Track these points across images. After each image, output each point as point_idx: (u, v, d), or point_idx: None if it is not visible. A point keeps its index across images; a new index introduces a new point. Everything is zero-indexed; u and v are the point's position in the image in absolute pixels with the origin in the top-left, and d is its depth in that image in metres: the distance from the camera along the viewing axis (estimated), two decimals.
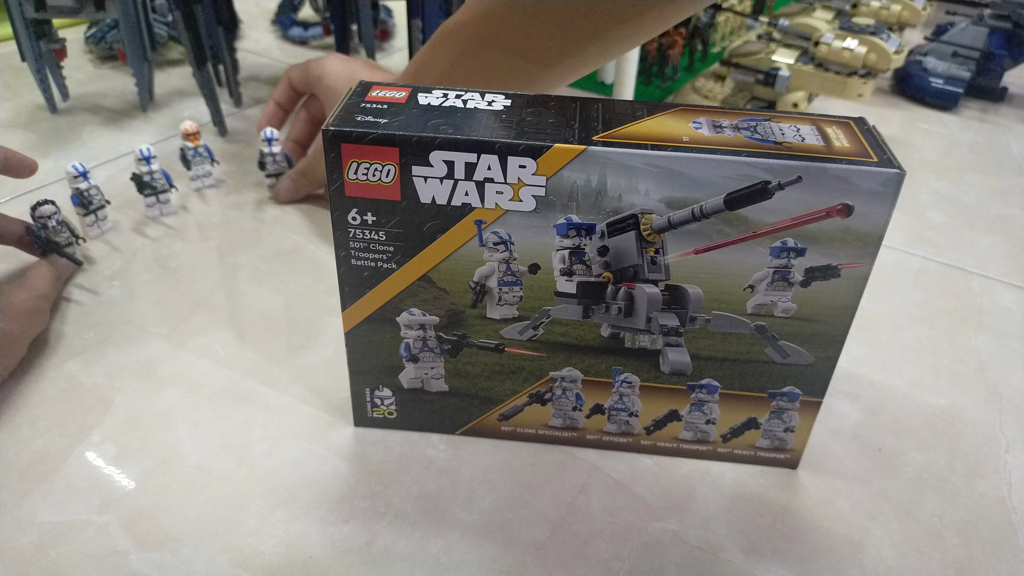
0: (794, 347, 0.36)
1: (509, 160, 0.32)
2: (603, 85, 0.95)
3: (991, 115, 0.93)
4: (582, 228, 0.34)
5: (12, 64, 0.85)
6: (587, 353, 0.38)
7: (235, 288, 0.55)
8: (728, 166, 0.31)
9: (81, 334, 0.50)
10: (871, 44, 0.74)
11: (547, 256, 0.35)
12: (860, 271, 0.33)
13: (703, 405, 0.39)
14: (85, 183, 0.57)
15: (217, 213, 0.64)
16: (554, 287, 0.36)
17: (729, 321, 0.36)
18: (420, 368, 0.40)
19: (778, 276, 0.34)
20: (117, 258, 0.58)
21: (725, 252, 0.33)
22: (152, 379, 0.47)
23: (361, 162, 0.33)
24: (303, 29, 1.03)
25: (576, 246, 0.35)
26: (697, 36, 1.01)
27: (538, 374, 0.39)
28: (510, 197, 0.33)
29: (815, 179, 0.31)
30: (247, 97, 0.85)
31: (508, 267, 0.36)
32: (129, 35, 0.75)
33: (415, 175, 0.33)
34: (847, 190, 0.31)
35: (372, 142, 0.32)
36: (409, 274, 0.36)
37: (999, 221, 0.70)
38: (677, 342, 0.37)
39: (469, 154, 0.32)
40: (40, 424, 0.43)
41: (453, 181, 0.33)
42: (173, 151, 0.67)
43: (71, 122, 0.78)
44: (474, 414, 0.41)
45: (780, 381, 0.38)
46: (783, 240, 0.33)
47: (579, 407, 0.40)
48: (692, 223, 0.33)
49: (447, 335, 0.38)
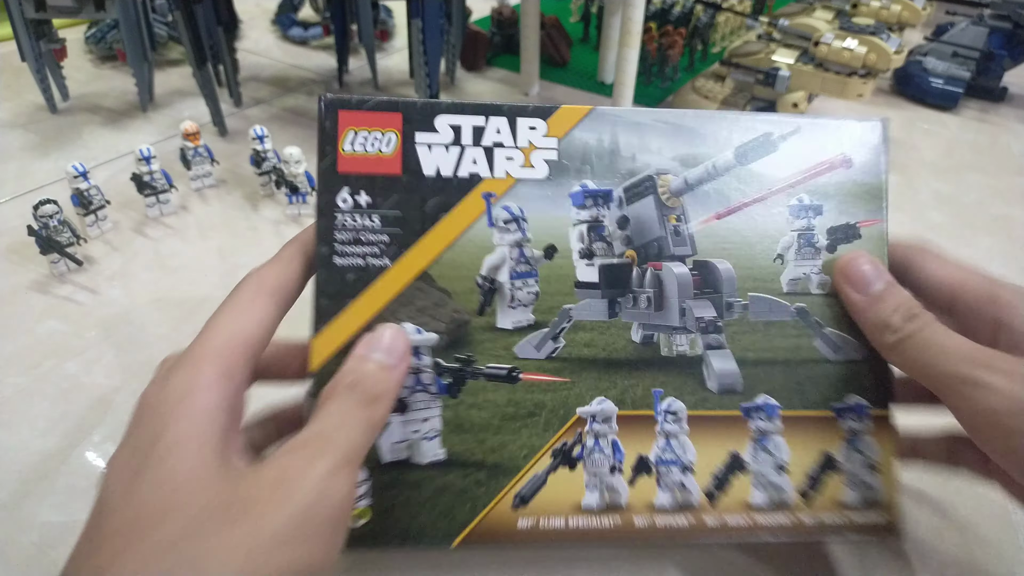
0: (842, 335, 0.32)
1: (519, 121, 0.31)
2: (603, 85, 0.95)
3: (991, 115, 0.93)
4: (599, 195, 0.32)
5: (12, 64, 0.85)
6: (620, 370, 0.32)
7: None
8: (732, 119, 0.32)
9: (81, 334, 0.50)
10: (871, 44, 0.74)
11: (563, 235, 0.31)
12: (878, 229, 0.33)
13: (766, 440, 0.32)
14: (85, 183, 0.57)
15: (217, 213, 0.64)
16: (573, 277, 0.32)
17: (768, 305, 0.32)
18: (409, 423, 0.30)
19: (804, 241, 0.33)
20: (117, 258, 0.58)
21: (747, 216, 0.33)
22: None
23: (359, 130, 0.30)
24: (303, 29, 1.03)
25: (594, 218, 0.32)
26: (697, 36, 1.01)
27: (563, 415, 0.31)
28: (521, 163, 0.31)
29: (808, 131, 0.33)
30: (247, 97, 0.85)
31: (521, 252, 0.31)
32: (129, 35, 0.75)
33: (419, 142, 0.30)
34: (840, 140, 0.33)
35: (373, 107, 0.30)
36: (405, 271, 0.30)
37: (999, 221, 0.70)
38: (719, 342, 0.32)
39: (477, 117, 0.31)
40: (40, 424, 0.43)
41: (460, 148, 0.31)
42: (173, 151, 0.67)
43: (71, 122, 0.78)
44: (480, 501, 0.30)
45: (840, 388, 0.32)
46: (799, 198, 0.33)
47: (619, 465, 0.31)
48: (708, 181, 0.33)
49: (447, 362, 0.30)
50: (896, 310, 0.29)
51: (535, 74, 0.91)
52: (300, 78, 0.93)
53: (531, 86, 0.92)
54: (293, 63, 0.97)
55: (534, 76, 0.91)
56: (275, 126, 0.78)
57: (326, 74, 0.94)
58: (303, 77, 0.93)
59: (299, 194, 0.63)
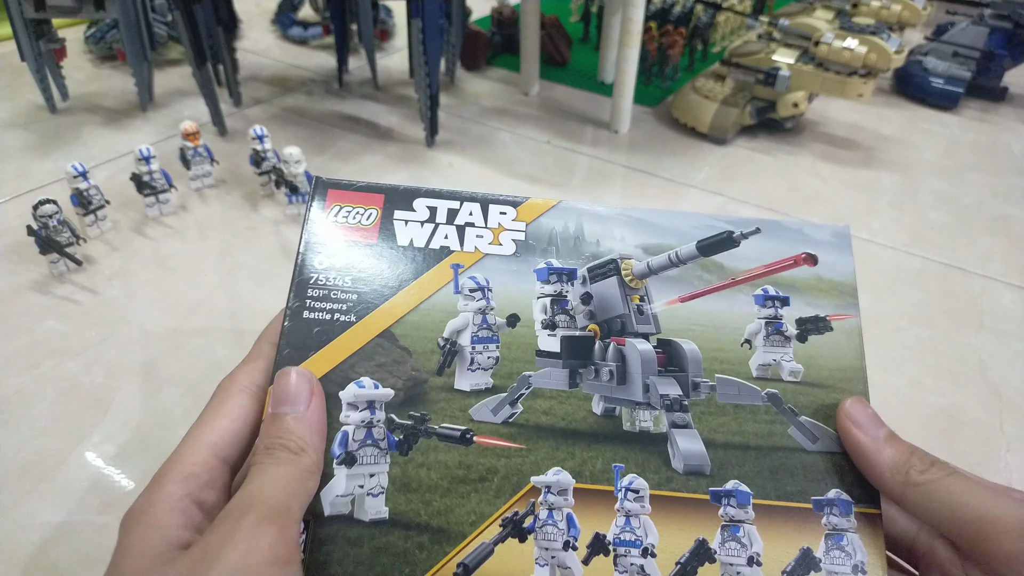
0: (820, 426, 0.31)
1: (490, 208, 0.34)
2: (603, 85, 0.95)
3: (991, 115, 0.93)
4: (563, 273, 0.33)
5: (12, 64, 0.85)
6: (579, 442, 0.30)
7: (235, 288, 0.55)
8: (694, 218, 0.35)
9: (81, 334, 0.50)
10: (871, 44, 0.74)
11: (527, 307, 0.33)
12: (851, 324, 0.34)
13: (737, 529, 0.30)
14: (85, 183, 0.57)
15: (217, 213, 0.64)
16: (534, 347, 0.32)
17: (737, 388, 0.32)
18: (355, 476, 0.29)
19: (772, 329, 0.33)
20: (117, 258, 0.58)
21: (711, 301, 0.33)
22: (152, 379, 0.47)
23: (344, 205, 0.33)
24: (303, 29, 1.03)
25: (558, 293, 0.33)
26: (697, 36, 1.01)
27: (516, 482, 0.29)
28: (490, 241, 0.33)
29: (773, 231, 0.34)
30: (247, 97, 0.85)
31: (484, 318, 0.32)
32: (128, 35, 0.75)
33: (396, 218, 0.33)
34: (804, 241, 0.34)
35: (360, 189, 0.34)
36: (370, 329, 0.31)
37: (999, 221, 0.70)
38: (685, 421, 0.31)
39: (452, 201, 0.34)
40: (39, 424, 0.43)
41: (434, 225, 0.33)
42: (173, 151, 0.67)
43: (70, 122, 0.78)
44: (420, 566, 0.28)
45: (819, 481, 0.31)
46: (764, 288, 0.34)
47: (573, 542, 0.29)
48: (671, 268, 0.34)
49: (400, 418, 0.30)
50: (913, 454, 0.29)
51: (535, 74, 0.91)
52: (300, 78, 0.92)
53: (531, 86, 0.92)
54: (293, 63, 0.97)
55: (534, 76, 0.91)
56: (275, 126, 0.78)
57: (326, 74, 0.94)
58: (303, 77, 0.93)
59: (299, 194, 0.62)
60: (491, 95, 0.91)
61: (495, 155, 0.77)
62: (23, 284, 0.55)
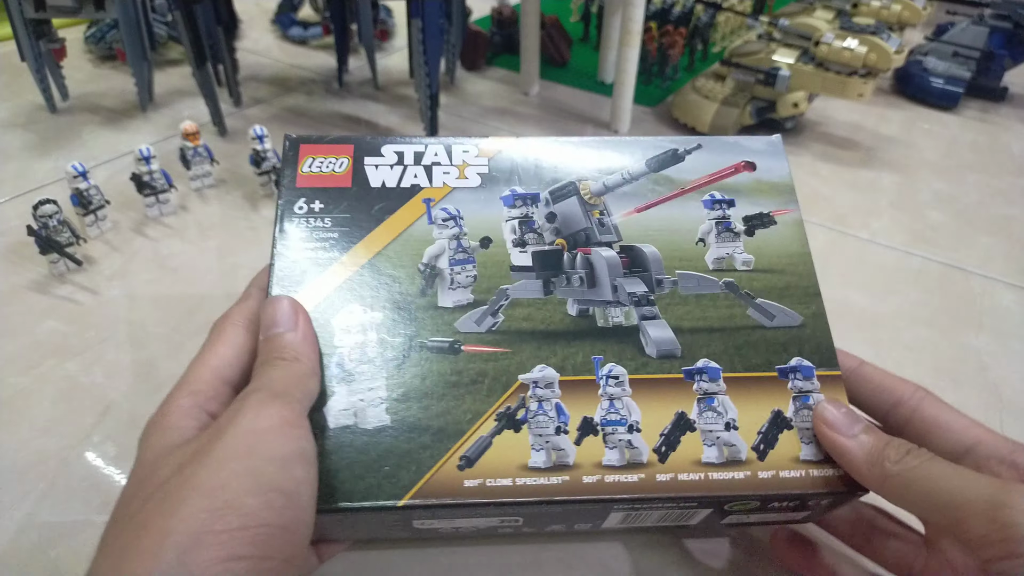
0: (775, 304, 0.35)
1: (453, 148, 0.37)
2: (603, 85, 0.95)
3: (992, 115, 0.93)
4: (527, 197, 0.37)
5: (12, 64, 0.85)
6: (558, 341, 0.33)
7: (235, 288, 0.55)
8: (643, 142, 0.39)
9: (81, 334, 0.50)
10: (871, 44, 0.74)
11: (498, 229, 0.36)
12: (792, 217, 0.38)
13: (712, 400, 0.32)
14: (85, 183, 0.57)
15: (217, 213, 0.64)
16: (508, 264, 0.35)
17: (697, 280, 0.35)
18: (355, 391, 0.31)
19: (722, 227, 0.37)
20: (117, 258, 0.58)
21: (664, 209, 0.37)
22: (151, 379, 0.47)
23: (316, 157, 0.36)
24: (303, 29, 1.03)
25: (524, 215, 0.36)
26: (697, 36, 1.01)
27: (505, 381, 0.32)
28: (456, 176, 0.37)
29: (714, 147, 0.39)
30: (247, 97, 0.85)
31: (459, 243, 0.35)
32: (128, 35, 0.75)
33: (367, 164, 0.36)
34: (741, 151, 0.39)
35: (330, 142, 0.37)
36: (354, 260, 0.34)
37: (999, 221, 0.70)
38: (653, 313, 0.34)
39: (417, 145, 0.37)
40: (40, 424, 0.43)
41: (403, 167, 0.36)
42: (173, 151, 0.67)
43: (71, 122, 0.78)
44: (425, 463, 0.30)
45: (781, 351, 0.34)
46: (711, 193, 0.38)
47: (564, 427, 0.31)
48: (625, 184, 0.38)
49: (391, 336, 0.32)
50: (888, 444, 0.29)
51: (535, 74, 0.91)
52: (300, 78, 0.92)
53: (531, 86, 0.92)
54: (293, 63, 0.97)
55: (534, 76, 0.91)
56: (275, 126, 0.78)
57: (326, 74, 0.94)
58: (303, 77, 0.93)
59: None
60: (491, 95, 0.91)
61: None
62: (23, 284, 0.55)
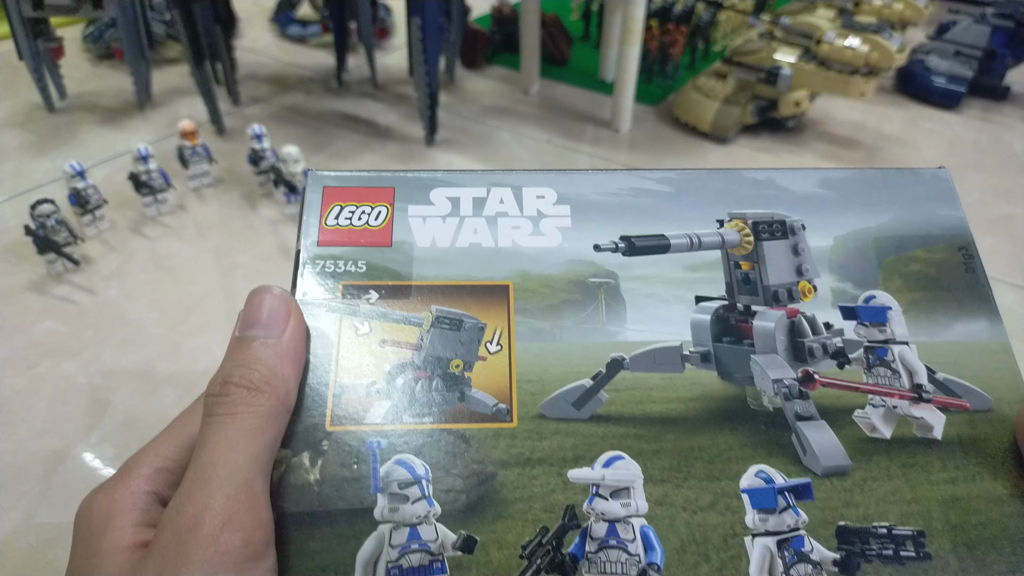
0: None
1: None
2: (604, 83, 0.95)
3: (994, 114, 0.92)
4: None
5: (9, 63, 0.85)
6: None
7: (232, 288, 0.55)
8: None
9: (79, 334, 0.50)
10: (873, 42, 0.74)
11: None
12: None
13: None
14: (82, 182, 0.57)
15: (215, 212, 0.64)
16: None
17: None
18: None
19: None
20: (115, 258, 0.58)
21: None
22: (149, 379, 0.46)
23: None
24: (301, 27, 1.02)
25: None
26: (699, 34, 1.01)
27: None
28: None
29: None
30: (245, 96, 0.85)
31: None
32: (127, 33, 0.74)
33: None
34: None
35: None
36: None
37: (1001, 221, 0.70)
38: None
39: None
40: (37, 425, 0.43)
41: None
42: (171, 150, 0.66)
43: (68, 121, 0.78)
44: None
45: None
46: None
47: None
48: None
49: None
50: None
51: (535, 72, 0.91)
52: (299, 76, 0.92)
53: (531, 84, 0.91)
54: (291, 61, 0.96)
55: (534, 74, 0.91)
56: (273, 125, 0.78)
57: (324, 72, 0.93)
58: (301, 75, 0.92)
59: (297, 193, 0.62)
60: (491, 94, 0.91)
61: (495, 154, 0.77)
62: (21, 284, 0.54)
